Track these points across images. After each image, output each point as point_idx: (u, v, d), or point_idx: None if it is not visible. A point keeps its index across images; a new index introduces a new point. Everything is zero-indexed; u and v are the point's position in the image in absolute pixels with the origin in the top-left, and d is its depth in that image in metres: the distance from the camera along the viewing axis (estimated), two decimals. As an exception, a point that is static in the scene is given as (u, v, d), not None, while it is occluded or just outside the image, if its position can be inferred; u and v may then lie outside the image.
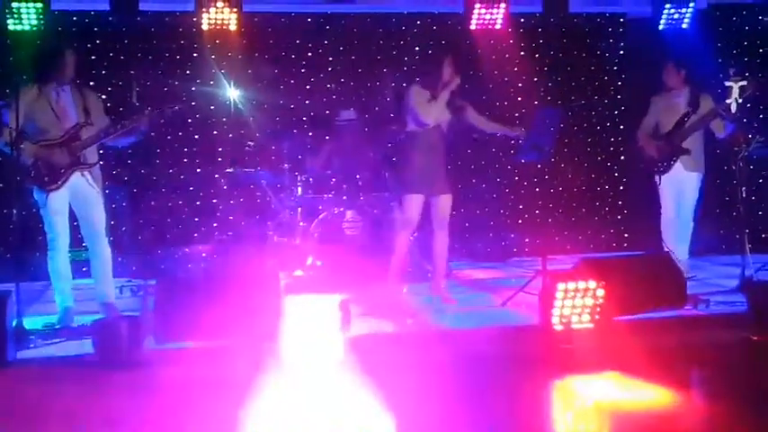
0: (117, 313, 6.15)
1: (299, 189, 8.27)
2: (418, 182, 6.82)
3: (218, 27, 8.32)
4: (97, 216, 6.35)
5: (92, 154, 6.34)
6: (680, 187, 7.45)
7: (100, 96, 6.70)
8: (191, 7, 8.37)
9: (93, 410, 4.41)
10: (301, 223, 8.20)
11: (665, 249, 7.16)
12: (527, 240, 9.76)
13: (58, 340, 5.73)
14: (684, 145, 7.33)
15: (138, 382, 4.89)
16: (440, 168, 6.88)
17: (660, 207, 7.60)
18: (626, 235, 10.11)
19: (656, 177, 7.51)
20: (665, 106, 7.53)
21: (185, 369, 5.08)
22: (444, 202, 6.95)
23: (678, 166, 7.38)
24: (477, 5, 8.63)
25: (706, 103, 7.36)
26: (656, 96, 7.64)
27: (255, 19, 9.03)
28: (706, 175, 7.51)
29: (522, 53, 9.72)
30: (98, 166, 6.42)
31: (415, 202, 6.83)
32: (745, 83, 6.89)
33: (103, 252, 6.39)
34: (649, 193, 7.72)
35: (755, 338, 5.53)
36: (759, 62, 9.69)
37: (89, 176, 6.28)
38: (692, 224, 7.52)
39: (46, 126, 6.16)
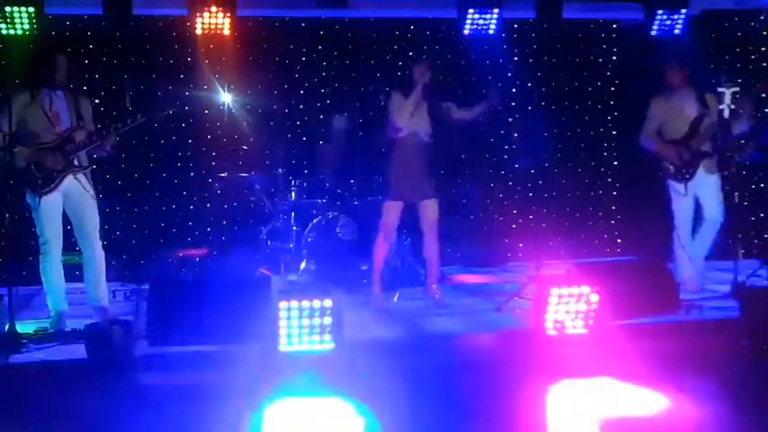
0: (111, 317, 6.13)
1: (293, 194, 8.27)
2: (396, 188, 6.96)
3: (211, 31, 8.30)
4: (91, 219, 6.33)
5: (85, 157, 6.33)
6: (702, 192, 7.16)
7: (92, 101, 6.68)
8: (184, 12, 8.35)
9: (86, 414, 4.40)
10: (295, 228, 8.20)
11: (682, 256, 7.11)
12: (521, 245, 9.76)
13: (50, 344, 5.71)
14: (703, 148, 7.09)
15: (130, 386, 4.88)
16: (421, 175, 6.97)
17: (652, 213, 7.55)
18: (619, 240, 10.12)
19: (679, 185, 7.17)
20: (668, 109, 7.26)
21: (178, 373, 5.07)
22: (430, 208, 7.05)
23: (701, 171, 7.11)
24: (471, 11, 8.63)
25: (714, 103, 7.17)
26: (656, 98, 7.34)
27: (249, 24, 9.03)
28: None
29: (515, 59, 9.74)
30: (89, 169, 6.40)
31: (392, 208, 6.98)
32: (737, 89, 6.89)
33: (97, 255, 6.37)
34: (643, 198, 7.71)
35: (747, 344, 5.53)
36: (751, 68, 9.72)
37: (83, 179, 6.27)
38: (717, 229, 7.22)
39: (39, 130, 6.15)
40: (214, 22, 8.24)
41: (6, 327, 5.47)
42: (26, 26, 7.84)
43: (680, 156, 7.14)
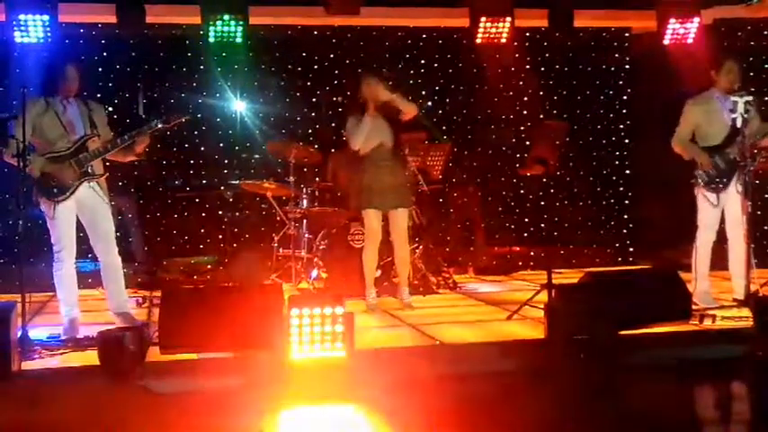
0: (134, 322, 6.12)
1: (305, 201, 8.29)
2: (369, 198, 7.06)
3: (224, 40, 8.35)
4: (107, 226, 6.33)
5: (99, 165, 6.34)
6: (733, 204, 6.83)
7: (106, 109, 6.69)
8: (197, 20, 8.40)
9: (97, 421, 4.41)
10: (306, 235, 8.22)
11: (698, 274, 6.90)
12: (532, 254, 9.77)
13: (63, 351, 5.73)
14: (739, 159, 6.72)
15: (142, 392, 4.88)
16: (392, 184, 7.08)
17: (664, 222, 7.48)
18: (631, 249, 10.10)
19: (712, 195, 6.82)
20: (705, 112, 6.88)
21: (189, 380, 5.07)
22: (399, 217, 7.17)
23: (734, 181, 6.79)
24: (483, 19, 8.66)
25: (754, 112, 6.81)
26: (693, 101, 6.94)
27: (262, 32, 9.07)
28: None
29: (527, 67, 9.75)
30: (104, 177, 6.41)
31: (372, 217, 7.10)
32: (750, 98, 6.82)
33: (114, 261, 6.37)
34: (655, 206, 7.67)
35: (761, 354, 5.50)
36: (765, 77, 9.69)
37: (97, 187, 6.28)
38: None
39: (53, 138, 6.16)
40: (227, 30, 8.29)
41: (19, 333, 5.48)
42: (40, 34, 7.89)
43: (715, 164, 6.82)
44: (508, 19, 8.67)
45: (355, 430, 4.36)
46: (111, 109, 8.16)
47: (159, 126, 6.29)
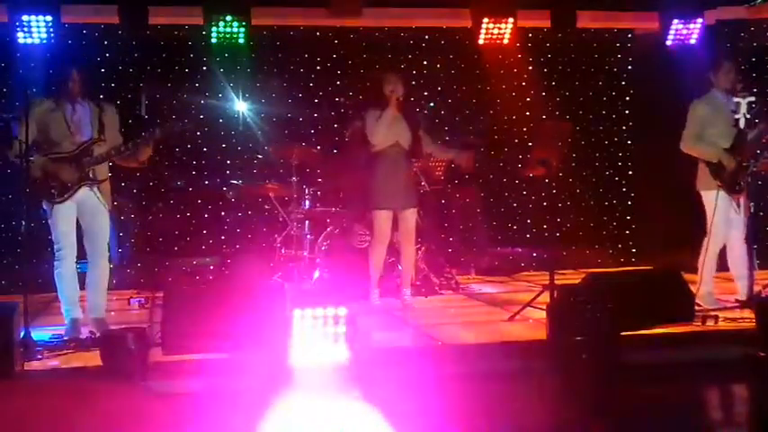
0: (108, 329, 6.09)
1: (307, 202, 8.29)
2: (381, 198, 7.11)
3: (226, 41, 8.35)
4: (102, 230, 6.31)
5: (101, 169, 6.32)
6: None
7: (117, 112, 6.62)
8: (200, 21, 8.40)
9: (100, 422, 4.41)
10: (309, 236, 8.22)
11: (704, 276, 6.82)
12: (534, 255, 9.76)
13: (65, 352, 5.73)
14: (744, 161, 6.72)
15: (144, 393, 4.89)
16: (404, 184, 7.15)
17: (667, 223, 7.45)
18: (634, 250, 10.09)
19: (734, 197, 6.74)
20: (712, 111, 6.85)
21: (192, 381, 5.08)
22: (408, 217, 7.21)
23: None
24: (486, 20, 8.65)
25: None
26: (698, 100, 6.92)
27: (264, 32, 9.06)
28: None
29: (529, 68, 9.74)
30: (108, 180, 6.40)
31: (382, 217, 7.14)
32: (753, 98, 6.81)
33: (103, 266, 6.33)
34: (657, 207, 7.64)
35: (763, 355, 5.50)
36: (767, 77, 9.67)
37: (98, 191, 6.26)
38: None
39: (58, 139, 6.15)
40: (229, 31, 8.28)
41: (21, 334, 5.49)
42: (43, 35, 7.89)
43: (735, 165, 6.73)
44: (510, 20, 8.66)
45: (357, 431, 4.37)
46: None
47: (160, 135, 6.28)
